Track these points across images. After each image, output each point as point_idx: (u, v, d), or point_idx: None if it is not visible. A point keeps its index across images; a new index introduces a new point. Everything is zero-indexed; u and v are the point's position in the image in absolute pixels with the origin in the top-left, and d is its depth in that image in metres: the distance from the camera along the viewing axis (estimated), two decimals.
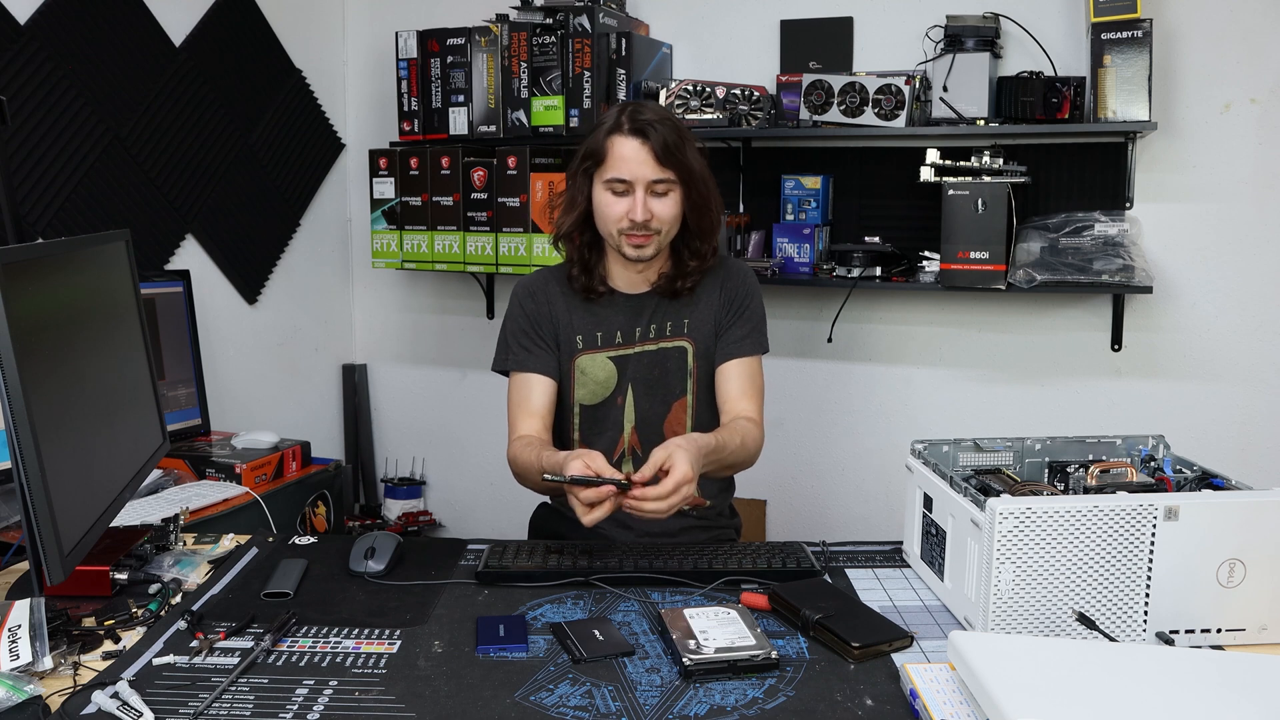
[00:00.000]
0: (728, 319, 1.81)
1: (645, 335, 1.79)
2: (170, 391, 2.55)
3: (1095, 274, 2.48)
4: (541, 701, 1.11)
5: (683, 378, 1.80)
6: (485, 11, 2.97)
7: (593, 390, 1.79)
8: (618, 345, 1.79)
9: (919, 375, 2.91)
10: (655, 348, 1.79)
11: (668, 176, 1.67)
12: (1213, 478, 1.38)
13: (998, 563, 1.22)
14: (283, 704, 1.10)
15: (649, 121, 1.65)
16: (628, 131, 1.65)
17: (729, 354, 1.79)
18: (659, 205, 1.68)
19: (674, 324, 1.80)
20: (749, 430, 1.72)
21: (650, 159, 1.65)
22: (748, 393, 1.79)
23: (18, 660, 1.14)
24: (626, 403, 1.79)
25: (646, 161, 1.65)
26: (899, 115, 2.57)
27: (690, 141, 1.70)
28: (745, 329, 1.81)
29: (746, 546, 1.55)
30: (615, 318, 1.79)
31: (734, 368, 1.79)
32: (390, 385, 3.54)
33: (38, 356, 1.18)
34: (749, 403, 1.78)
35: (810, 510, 3.07)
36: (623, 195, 1.68)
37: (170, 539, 1.59)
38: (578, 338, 1.79)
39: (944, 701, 1.07)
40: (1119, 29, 2.43)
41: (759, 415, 1.79)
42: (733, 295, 1.81)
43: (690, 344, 1.80)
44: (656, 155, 1.64)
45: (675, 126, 1.67)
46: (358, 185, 3.40)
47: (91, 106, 2.48)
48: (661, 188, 1.67)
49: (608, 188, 1.68)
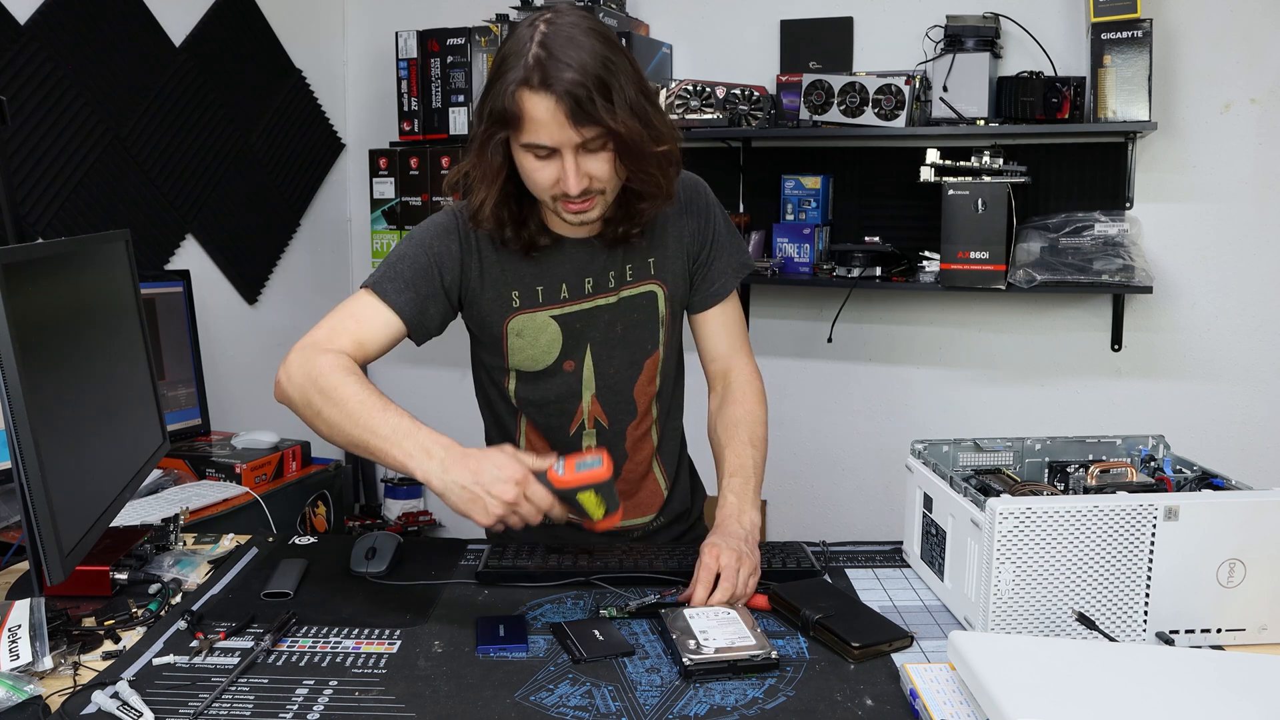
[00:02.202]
0: (705, 253, 1.56)
1: (603, 286, 1.51)
2: (170, 391, 2.55)
3: (1095, 274, 2.48)
4: (541, 701, 1.11)
5: (654, 329, 1.55)
6: (485, 11, 2.97)
7: (532, 356, 1.52)
8: (563, 301, 1.50)
9: (919, 375, 2.91)
10: (616, 298, 1.51)
11: (593, 135, 1.31)
12: (1213, 478, 1.38)
13: (998, 563, 1.22)
14: (283, 704, 1.10)
15: (561, 73, 1.28)
16: (537, 86, 1.29)
17: (713, 298, 1.58)
18: (594, 164, 1.34)
19: (636, 266, 1.52)
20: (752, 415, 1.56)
21: (567, 121, 1.29)
22: (737, 345, 1.61)
23: (18, 660, 1.14)
24: (583, 367, 1.53)
25: (564, 124, 1.30)
26: (899, 115, 2.57)
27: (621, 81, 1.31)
28: (724, 260, 1.57)
29: None
30: (559, 268, 1.49)
31: (716, 315, 1.59)
32: (390, 385, 3.51)
33: (38, 356, 1.18)
34: (740, 358, 1.61)
35: (810, 510, 3.07)
36: (548, 159, 1.34)
37: (170, 539, 1.59)
38: (513, 294, 1.49)
39: (944, 701, 1.07)
40: (1119, 29, 2.43)
41: (753, 365, 1.62)
42: (699, 217, 1.55)
43: (661, 287, 1.54)
44: (570, 116, 1.29)
45: (597, 73, 1.29)
46: (358, 185, 3.40)
47: (91, 106, 2.48)
48: (593, 144, 1.33)
49: (528, 152, 1.35)
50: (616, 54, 1.33)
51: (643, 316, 1.54)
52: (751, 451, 1.53)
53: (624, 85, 1.32)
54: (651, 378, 1.58)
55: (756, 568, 1.37)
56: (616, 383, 1.56)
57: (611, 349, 1.54)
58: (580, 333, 1.52)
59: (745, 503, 1.47)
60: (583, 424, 1.57)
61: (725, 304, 1.60)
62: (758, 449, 1.55)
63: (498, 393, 1.60)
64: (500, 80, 1.32)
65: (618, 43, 1.35)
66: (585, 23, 1.34)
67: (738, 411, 1.57)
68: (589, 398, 1.55)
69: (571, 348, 1.52)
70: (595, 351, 1.53)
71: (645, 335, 1.55)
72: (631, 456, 1.62)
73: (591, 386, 1.55)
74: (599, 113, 1.29)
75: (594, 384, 1.55)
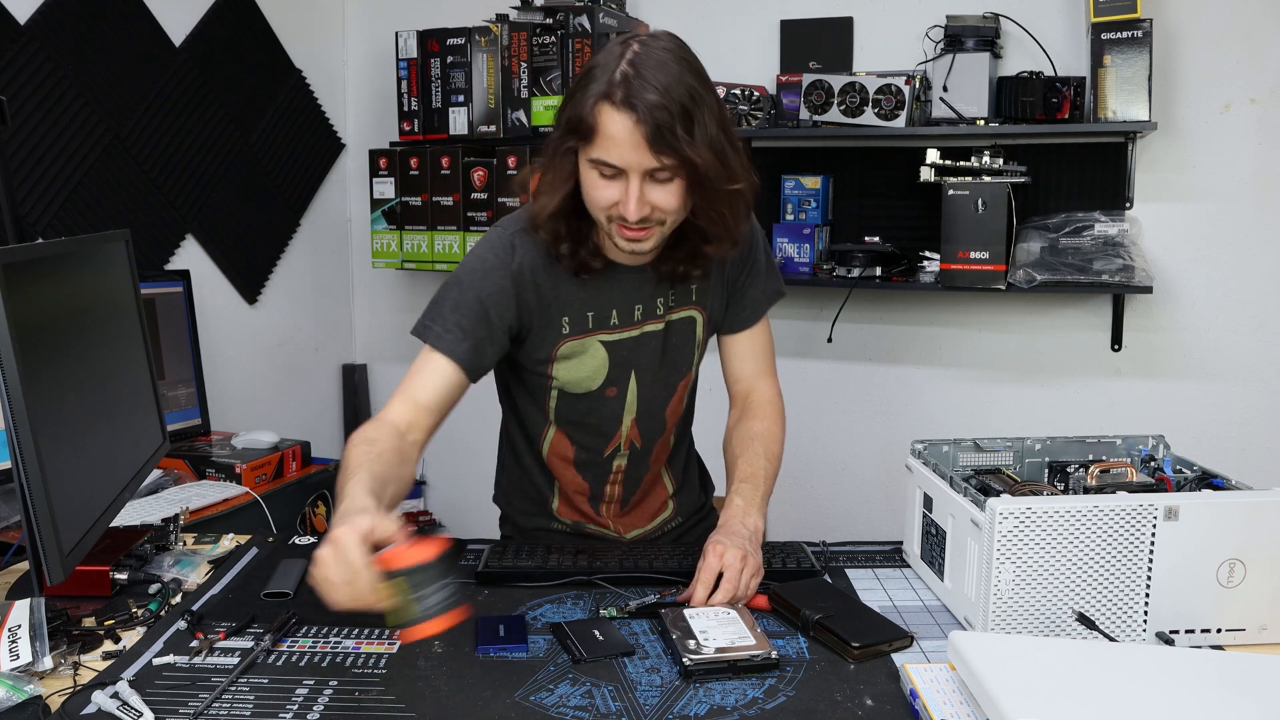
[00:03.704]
0: (743, 280, 1.56)
1: (651, 312, 1.50)
2: (170, 391, 2.55)
3: (1095, 274, 2.48)
4: (541, 701, 1.11)
5: (690, 353, 1.57)
6: (485, 11, 2.97)
7: (577, 380, 1.51)
8: (613, 328, 1.49)
9: (919, 375, 2.91)
10: (662, 324, 1.52)
11: (667, 163, 1.29)
12: (1213, 478, 1.38)
13: (998, 563, 1.22)
14: (283, 704, 1.10)
15: (646, 94, 1.25)
16: (619, 103, 1.26)
17: (743, 323, 1.58)
18: (660, 194, 1.31)
19: (679, 292, 1.52)
20: (769, 432, 1.57)
21: (644, 143, 1.26)
22: (763, 369, 1.62)
23: (18, 660, 1.14)
24: (628, 393, 1.53)
25: (639, 146, 1.26)
26: (899, 115, 2.57)
27: (705, 114, 1.28)
28: (758, 287, 1.58)
29: None
30: (611, 294, 1.48)
31: (744, 339, 1.60)
32: (390, 385, 3.53)
33: (38, 356, 1.18)
34: (765, 380, 1.62)
35: (810, 510, 3.07)
36: (613, 179, 1.31)
37: (170, 539, 1.59)
38: (564, 320, 1.47)
39: (944, 701, 1.07)
40: (1119, 29, 2.43)
41: (776, 388, 1.62)
42: (743, 245, 1.52)
43: (700, 313, 1.54)
44: (648, 140, 1.26)
45: (682, 101, 1.26)
46: (358, 185, 3.40)
47: (91, 106, 2.48)
48: (663, 174, 1.30)
49: (595, 167, 1.32)
50: (704, 87, 1.31)
51: (681, 341, 1.55)
52: (764, 463, 1.54)
53: (707, 119, 1.29)
54: (682, 398, 1.61)
55: (759, 569, 1.37)
56: (652, 405, 1.57)
57: (654, 374, 1.54)
58: (627, 359, 1.52)
59: (752, 507, 1.47)
60: (619, 447, 1.58)
61: (755, 329, 1.61)
62: (771, 462, 1.56)
63: (531, 402, 1.57)
64: (583, 90, 1.30)
65: (707, 77, 1.34)
66: (678, 51, 1.32)
67: (756, 426, 1.58)
68: (629, 421, 1.56)
69: (617, 374, 1.52)
70: (640, 377, 1.53)
71: (683, 359, 1.56)
72: (651, 469, 1.65)
73: (633, 411, 1.56)
74: (678, 141, 1.26)
75: (635, 409, 1.55)
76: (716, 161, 1.30)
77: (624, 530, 1.67)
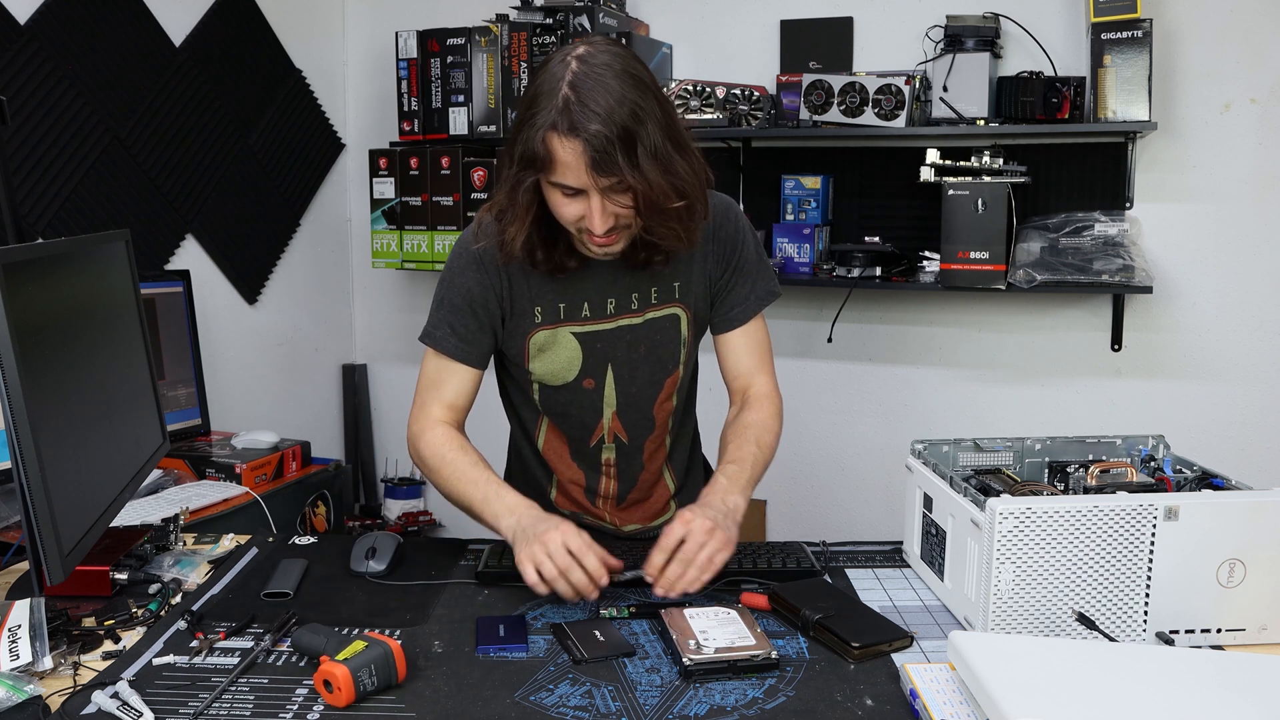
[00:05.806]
0: (726, 277, 1.57)
1: (625, 307, 1.53)
2: (170, 391, 2.55)
3: (1095, 274, 2.48)
4: (541, 701, 1.11)
5: (675, 350, 1.57)
6: (485, 11, 2.97)
7: (553, 371, 1.54)
8: (584, 319, 1.52)
9: (919, 375, 2.91)
10: (642, 320, 1.54)
11: (616, 183, 1.32)
12: (1213, 478, 1.38)
13: (998, 563, 1.22)
14: (283, 704, 1.10)
15: (588, 123, 1.28)
16: (565, 132, 1.29)
17: (733, 321, 1.59)
18: (621, 204, 1.35)
19: (662, 290, 1.53)
20: (763, 423, 1.56)
21: (587, 170, 1.31)
22: (758, 365, 1.61)
23: (18, 660, 1.14)
24: (605, 386, 1.56)
25: (591, 169, 1.31)
26: (899, 115, 2.57)
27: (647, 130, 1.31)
28: (746, 286, 1.58)
29: (746, 546, 1.54)
30: (582, 287, 1.51)
31: (738, 337, 1.60)
32: (390, 385, 3.54)
33: (38, 356, 1.18)
34: (761, 376, 1.61)
35: (810, 510, 3.07)
36: (575, 197, 1.35)
37: (170, 539, 1.59)
38: (536, 309, 1.51)
39: (944, 701, 1.07)
40: (1119, 29, 2.43)
41: (773, 384, 1.62)
42: (726, 244, 1.55)
43: (684, 310, 1.56)
44: (591, 168, 1.30)
45: (624, 123, 1.28)
46: (358, 185, 3.40)
47: (91, 106, 2.48)
48: (619, 187, 1.33)
49: (556, 189, 1.35)
50: (646, 98, 1.32)
51: (665, 338, 1.56)
52: (754, 450, 1.53)
53: (650, 133, 1.31)
54: (670, 395, 1.61)
55: (729, 543, 1.34)
56: (638, 401, 1.58)
57: (634, 369, 1.56)
58: (601, 352, 1.54)
59: (735, 486, 1.46)
60: (603, 439, 1.60)
61: (749, 326, 1.61)
62: (763, 451, 1.55)
63: (521, 395, 1.63)
64: (529, 123, 1.33)
65: (650, 83, 1.34)
66: (618, 63, 1.32)
67: (750, 417, 1.58)
68: (609, 414, 1.58)
69: (592, 366, 1.54)
70: (617, 371, 1.56)
71: (667, 356, 1.57)
72: (647, 467, 1.65)
73: (613, 404, 1.58)
74: (619, 169, 1.29)
75: (615, 402, 1.57)
76: (662, 178, 1.32)
77: (620, 524, 1.67)
